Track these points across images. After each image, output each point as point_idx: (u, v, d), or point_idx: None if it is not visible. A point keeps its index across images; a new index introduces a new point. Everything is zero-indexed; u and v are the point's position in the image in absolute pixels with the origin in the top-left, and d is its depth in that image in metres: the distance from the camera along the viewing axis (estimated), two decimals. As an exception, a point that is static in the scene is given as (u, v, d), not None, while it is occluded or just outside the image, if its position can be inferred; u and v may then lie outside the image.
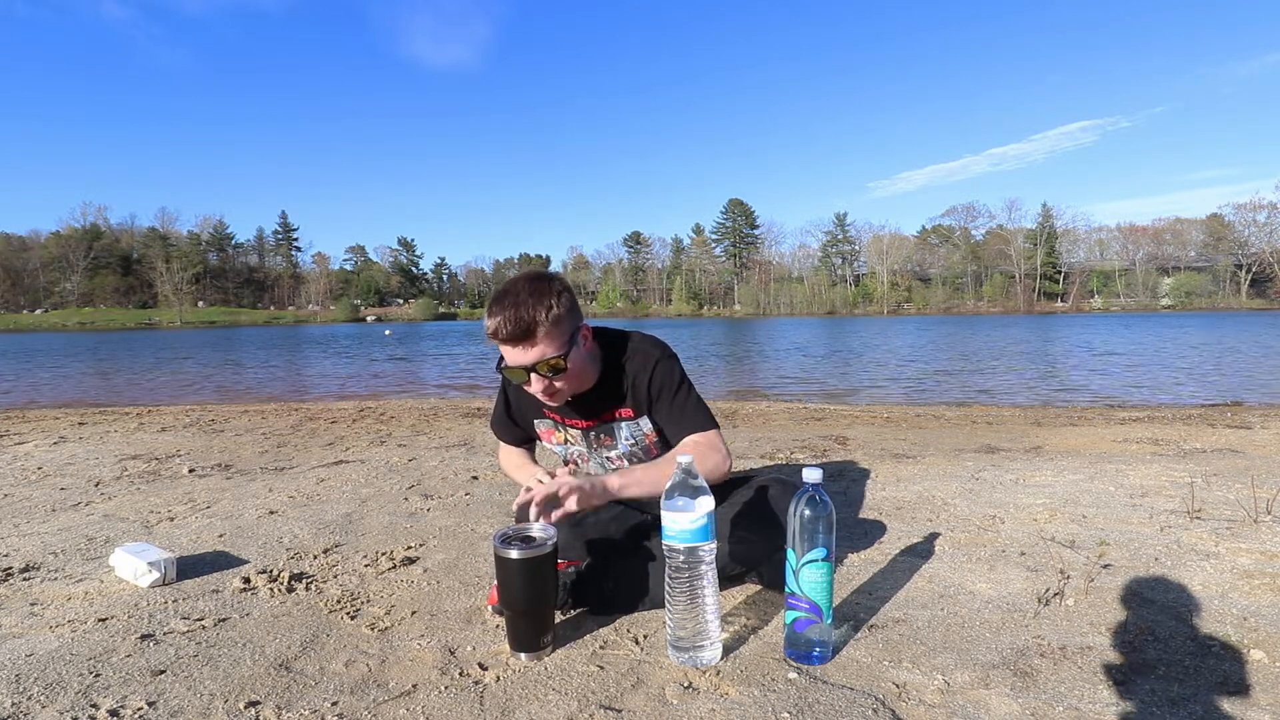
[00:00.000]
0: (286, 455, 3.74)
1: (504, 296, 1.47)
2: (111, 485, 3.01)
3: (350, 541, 2.15)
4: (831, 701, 1.18)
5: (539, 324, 1.44)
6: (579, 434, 1.71)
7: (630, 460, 1.71)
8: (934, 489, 2.63)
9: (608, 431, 1.69)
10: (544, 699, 1.22)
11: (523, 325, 1.43)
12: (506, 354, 1.50)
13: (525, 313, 1.44)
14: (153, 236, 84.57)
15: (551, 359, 1.47)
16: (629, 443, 1.69)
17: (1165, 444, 3.61)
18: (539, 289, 1.47)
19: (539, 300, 1.45)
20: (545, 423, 1.75)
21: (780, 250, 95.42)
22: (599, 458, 1.74)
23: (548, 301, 1.46)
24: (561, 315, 1.47)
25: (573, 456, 1.76)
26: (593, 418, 1.67)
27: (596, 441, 1.71)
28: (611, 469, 1.72)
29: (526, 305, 1.44)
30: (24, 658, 1.40)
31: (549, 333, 1.46)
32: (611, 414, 1.67)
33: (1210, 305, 69.87)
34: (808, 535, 1.29)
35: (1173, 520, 2.13)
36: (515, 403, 1.79)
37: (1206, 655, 1.32)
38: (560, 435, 1.74)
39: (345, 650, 1.42)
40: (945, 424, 4.84)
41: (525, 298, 1.45)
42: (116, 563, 1.85)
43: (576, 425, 1.70)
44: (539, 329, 1.44)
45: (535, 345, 1.46)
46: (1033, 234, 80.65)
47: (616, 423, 1.67)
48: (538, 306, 1.45)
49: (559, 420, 1.72)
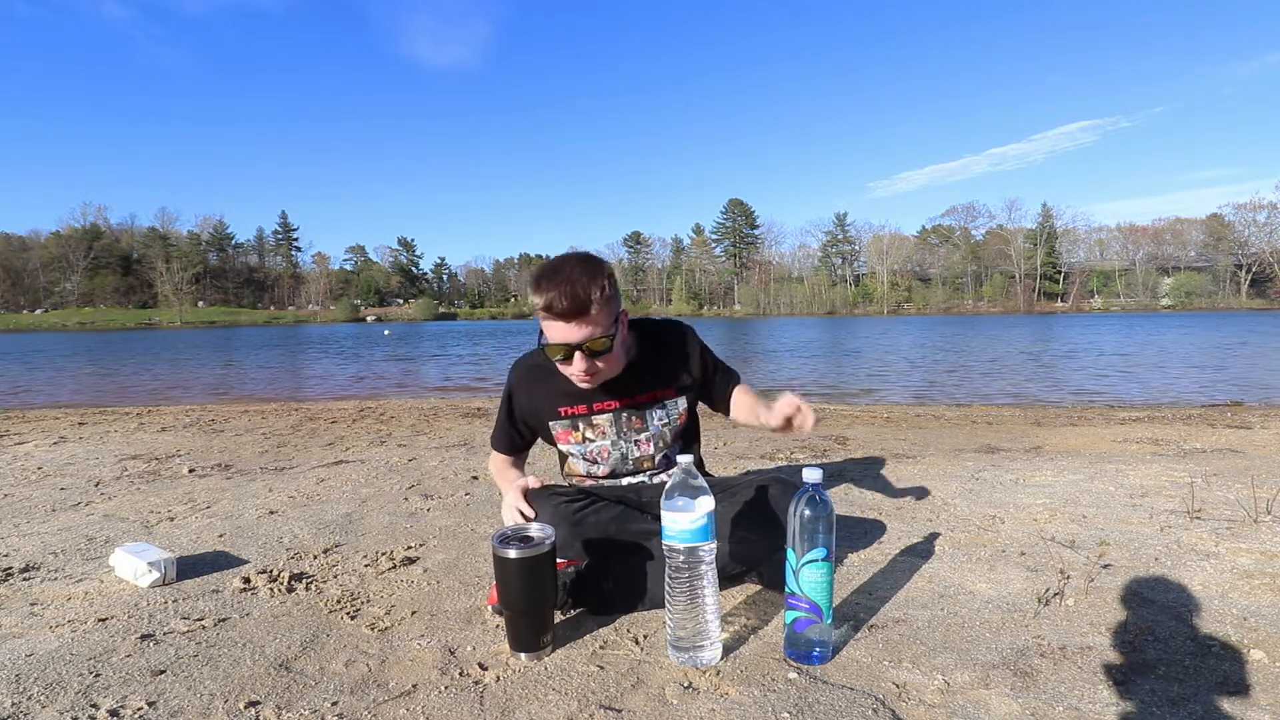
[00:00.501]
0: (286, 455, 3.74)
1: (556, 273, 1.47)
2: (111, 485, 3.01)
3: (350, 541, 2.15)
4: (831, 701, 1.18)
5: (592, 302, 1.45)
6: (608, 418, 1.69)
7: (657, 442, 1.72)
8: (934, 489, 2.63)
9: (638, 414, 1.70)
10: (544, 699, 1.22)
11: (577, 302, 1.44)
12: (553, 330, 1.49)
13: (580, 290, 1.44)
14: (153, 236, 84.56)
15: (599, 338, 1.48)
16: (660, 423, 1.71)
17: (1165, 444, 3.61)
18: (592, 269, 1.48)
19: (593, 279, 1.46)
20: (562, 423, 1.72)
21: (780, 250, 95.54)
22: (627, 442, 1.71)
23: (600, 281, 1.47)
24: (611, 296, 1.50)
25: (591, 454, 1.73)
26: (625, 398, 1.68)
27: (626, 425, 1.70)
28: (635, 455, 1.72)
29: (580, 283, 1.45)
30: (24, 658, 1.40)
31: (599, 312, 1.47)
32: (647, 395, 1.69)
33: (1210, 305, 69.83)
34: (808, 535, 1.29)
35: (1173, 520, 2.13)
36: (528, 405, 1.76)
37: (1206, 655, 1.32)
38: (578, 434, 1.72)
39: (345, 650, 1.42)
40: (945, 424, 4.84)
41: (579, 275, 1.46)
42: (116, 563, 1.85)
43: (607, 408, 1.68)
44: (592, 307, 1.45)
45: (586, 324, 1.47)
46: (1033, 234, 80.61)
47: (652, 406, 1.69)
48: (591, 285, 1.46)
49: (583, 413, 1.69)
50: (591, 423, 1.70)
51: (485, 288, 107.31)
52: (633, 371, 1.66)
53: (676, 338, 1.73)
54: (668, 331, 1.73)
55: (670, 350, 1.70)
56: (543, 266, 1.51)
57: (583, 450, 1.74)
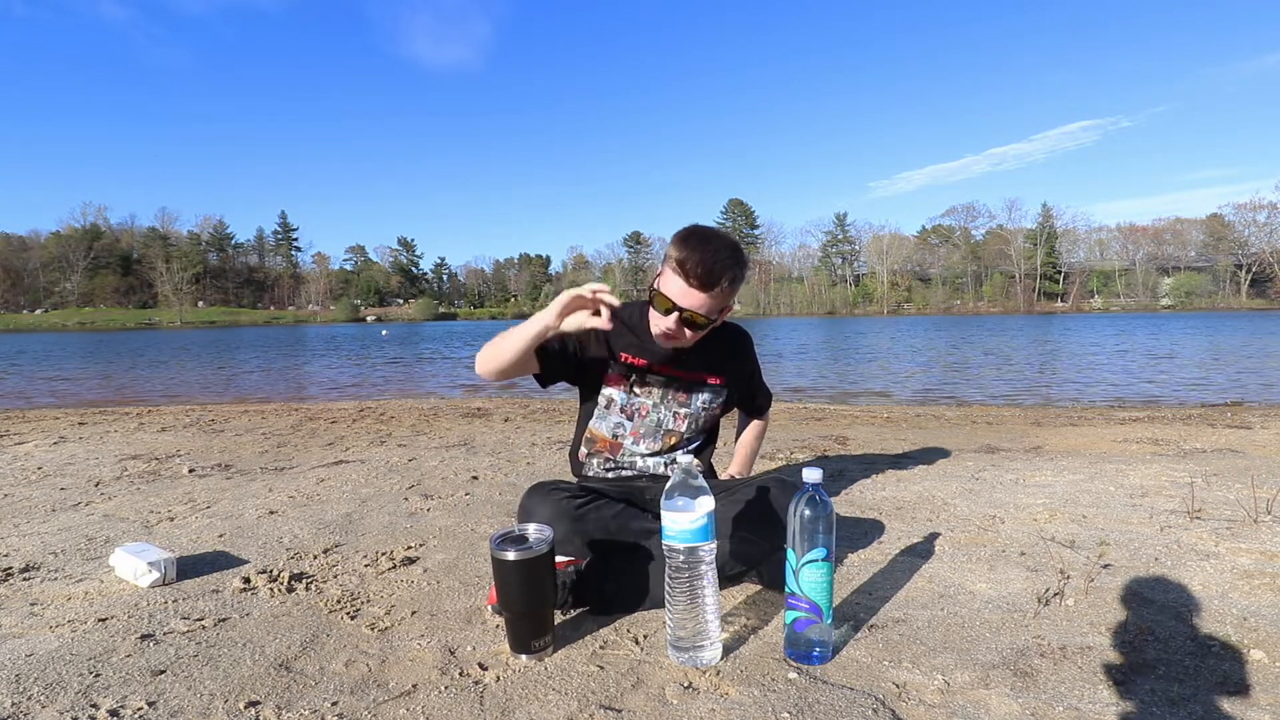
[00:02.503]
0: (286, 455, 3.74)
1: (706, 242, 1.52)
2: (111, 485, 3.01)
3: (350, 541, 2.15)
4: (831, 701, 1.18)
5: (720, 283, 1.52)
6: (660, 379, 1.74)
7: (692, 423, 1.78)
8: (934, 489, 2.63)
9: (687, 389, 1.76)
10: (544, 699, 1.22)
11: (712, 277, 1.51)
12: (671, 285, 1.54)
13: (718, 267, 1.51)
14: (153, 236, 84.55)
15: (703, 316, 1.55)
16: (702, 406, 1.78)
17: (1165, 444, 3.61)
18: (736, 256, 1.55)
19: (731, 266, 1.52)
20: (619, 367, 1.74)
21: (780, 250, 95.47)
22: (668, 410, 1.76)
23: (735, 271, 1.54)
24: (733, 289, 1.56)
25: (630, 409, 1.77)
26: (683, 370, 1.74)
27: (672, 395, 1.76)
28: (669, 427, 1.78)
29: (723, 261, 1.51)
30: (24, 658, 1.40)
31: (719, 296, 1.54)
32: (701, 376, 1.76)
33: (1210, 305, 69.81)
34: (808, 535, 1.29)
35: (1173, 520, 2.13)
36: (599, 333, 1.69)
37: (1206, 655, 1.32)
38: (627, 383, 1.75)
39: (345, 650, 1.42)
40: (945, 424, 4.84)
41: (725, 255, 1.52)
42: (116, 563, 1.85)
43: (664, 371, 1.74)
44: (717, 287, 1.52)
45: (705, 296, 1.52)
46: (1033, 234, 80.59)
47: (701, 385, 1.76)
48: (728, 270, 1.52)
49: (642, 365, 1.73)
50: (645, 379, 1.75)
51: (485, 288, 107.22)
52: (698, 349, 1.73)
53: (741, 340, 1.87)
54: (735, 333, 1.86)
55: (733, 348, 1.81)
56: (696, 228, 1.55)
57: (626, 400, 1.76)
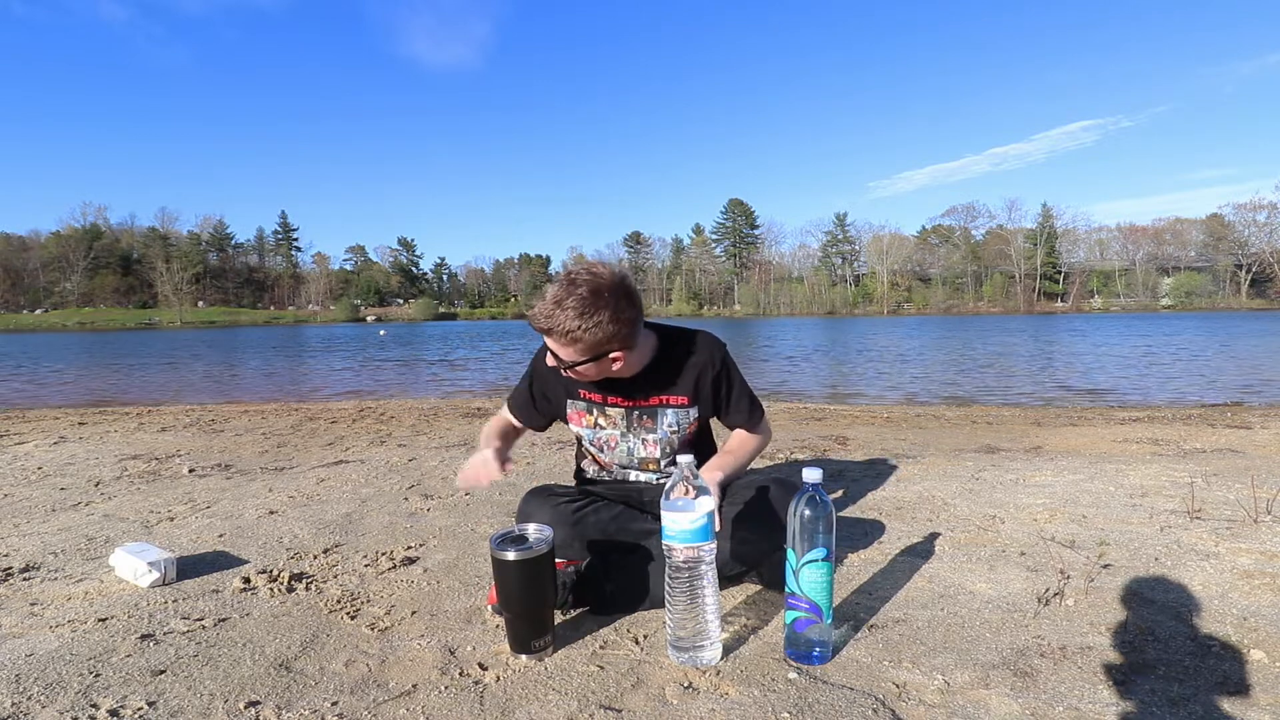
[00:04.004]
0: (286, 455, 3.74)
1: (547, 296, 1.53)
2: (111, 485, 3.01)
3: (350, 541, 2.15)
4: (831, 701, 1.18)
5: (561, 336, 1.53)
6: (620, 411, 1.73)
7: (664, 447, 1.74)
8: (934, 489, 2.63)
9: (650, 415, 1.72)
10: (544, 699, 1.22)
11: (548, 328, 1.52)
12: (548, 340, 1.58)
13: (549, 321, 1.51)
14: (153, 236, 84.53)
15: (574, 360, 1.56)
16: (669, 429, 1.73)
17: (1165, 444, 3.61)
18: (587, 309, 1.51)
19: (582, 318, 1.50)
20: (579, 404, 1.76)
21: (780, 250, 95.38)
22: (635, 438, 1.75)
23: (590, 323, 1.51)
24: (598, 332, 1.52)
25: (599, 441, 1.77)
26: (634, 399, 1.71)
27: (637, 423, 1.73)
28: (641, 454, 1.76)
29: (557, 316, 1.51)
30: (24, 658, 1.40)
31: (574, 340, 1.52)
32: (656, 399, 1.72)
33: (1210, 305, 69.79)
34: (808, 535, 1.29)
35: (1173, 520, 2.13)
36: (552, 377, 1.77)
37: (1206, 655, 1.32)
38: (591, 419, 1.76)
39: (345, 650, 1.42)
40: (945, 424, 4.84)
41: (571, 317, 1.50)
42: (116, 563, 1.85)
43: (620, 404, 1.72)
44: (558, 338, 1.53)
45: (562, 346, 1.55)
46: (1033, 234, 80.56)
47: (663, 408, 1.72)
48: (572, 321, 1.51)
49: (598, 401, 1.73)
50: (605, 412, 1.74)
51: (485, 288, 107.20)
52: (646, 375, 1.69)
53: (698, 350, 1.73)
54: (692, 343, 1.74)
55: (688, 361, 1.72)
56: (564, 272, 1.54)
57: (592, 435, 1.77)
